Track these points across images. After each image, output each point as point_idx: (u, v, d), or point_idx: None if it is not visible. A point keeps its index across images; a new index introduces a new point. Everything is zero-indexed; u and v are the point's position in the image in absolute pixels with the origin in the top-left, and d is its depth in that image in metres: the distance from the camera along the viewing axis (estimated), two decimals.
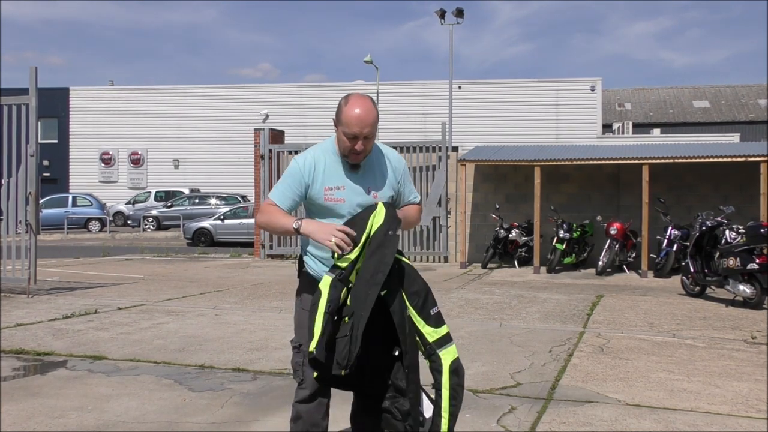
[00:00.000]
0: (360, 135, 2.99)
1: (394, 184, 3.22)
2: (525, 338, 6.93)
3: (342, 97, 3.11)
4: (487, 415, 4.48)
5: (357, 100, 3.03)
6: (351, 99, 3.05)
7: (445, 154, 15.10)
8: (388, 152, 3.26)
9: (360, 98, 3.04)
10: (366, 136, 3.00)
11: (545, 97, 35.60)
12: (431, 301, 3.11)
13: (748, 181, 13.19)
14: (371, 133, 3.02)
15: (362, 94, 3.10)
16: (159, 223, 29.35)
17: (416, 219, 3.43)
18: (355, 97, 3.05)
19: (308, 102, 37.84)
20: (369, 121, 2.99)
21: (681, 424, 4.33)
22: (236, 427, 4.29)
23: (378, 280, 2.90)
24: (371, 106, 3.03)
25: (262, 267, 14.32)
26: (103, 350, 6.30)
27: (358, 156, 3.06)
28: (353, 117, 2.98)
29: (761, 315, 8.43)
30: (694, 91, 51.12)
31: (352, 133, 2.98)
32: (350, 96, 3.07)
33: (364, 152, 3.06)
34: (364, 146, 3.03)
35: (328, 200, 3.09)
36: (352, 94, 3.09)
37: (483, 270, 13.73)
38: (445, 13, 28.97)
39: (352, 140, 3.01)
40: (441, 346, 3.05)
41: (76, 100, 40.11)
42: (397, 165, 3.25)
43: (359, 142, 3.01)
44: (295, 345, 3.15)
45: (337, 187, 3.09)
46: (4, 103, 10.43)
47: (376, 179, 3.16)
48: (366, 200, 3.11)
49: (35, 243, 10.07)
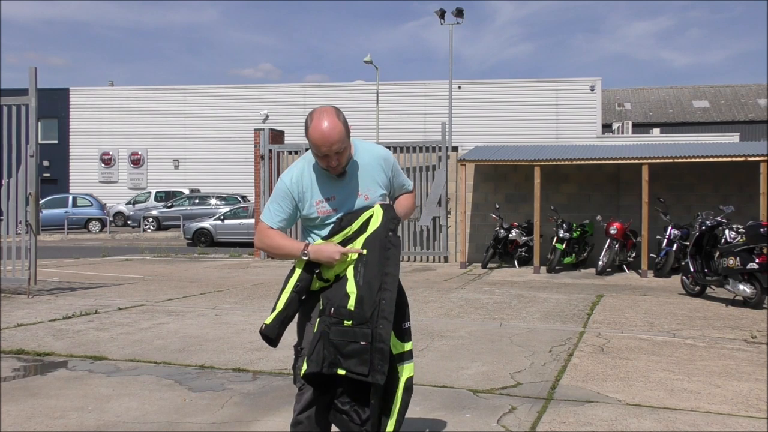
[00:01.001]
0: (330, 152, 2.94)
1: (384, 180, 3.19)
2: (525, 338, 6.93)
3: (308, 114, 3.00)
4: (488, 415, 4.48)
5: (319, 119, 2.93)
6: (314, 117, 2.95)
7: (445, 154, 15.10)
8: (373, 150, 3.20)
9: (323, 115, 2.94)
10: (336, 151, 2.95)
11: (545, 97, 35.61)
12: (407, 316, 3.14)
13: (748, 181, 13.20)
14: (341, 148, 2.95)
15: (326, 108, 2.98)
16: (159, 223, 29.35)
17: (411, 207, 3.42)
18: (318, 114, 2.95)
19: (309, 102, 37.83)
20: (334, 138, 2.91)
21: (681, 423, 4.32)
22: (236, 427, 4.29)
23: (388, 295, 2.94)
24: (335, 122, 2.93)
25: (262, 267, 14.32)
26: (104, 350, 6.30)
27: (337, 169, 3.02)
28: (318, 138, 2.91)
29: (761, 314, 8.43)
30: (694, 91, 51.11)
31: (322, 152, 2.94)
32: (314, 113, 2.97)
33: (342, 165, 3.02)
34: (339, 160, 2.99)
35: (321, 213, 3.08)
36: (316, 110, 2.99)
37: (483, 270, 13.73)
38: (445, 13, 29.00)
39: (323, 159, 2.97)
40: (402, 361, 3.05)
41: (76, 101, 40.10)
42: (385, 161, 3.20)
43: (332, 158, 2.97)
44: (298, 349, 3.16)
45: (327, 198, 3.08)
46: (3, 104, 10.43)
47: (364, 181, 3.12)
48: (358, 203, 3.10)
49: (35, 243, 10.08)
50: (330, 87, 38.66)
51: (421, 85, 37.39)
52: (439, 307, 8.94)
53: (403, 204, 3.34)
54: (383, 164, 3.20)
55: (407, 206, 3.36)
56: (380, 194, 3.16)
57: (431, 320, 7.95)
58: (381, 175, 3.18)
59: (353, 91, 38.10)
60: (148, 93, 39.74)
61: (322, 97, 37.70)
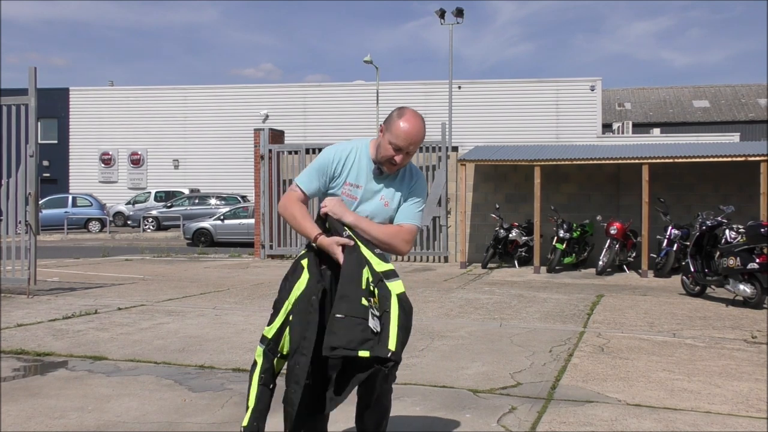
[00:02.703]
0: (404, 149, 3.07)
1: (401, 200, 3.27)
2: (525, 338, 6.93)
3: (396, 108, 3.16)
4: (488, 415, 4.48)
5: (411, 117, 3.08)
6: (406, 113, 3.10)
7: (445, 154, 15.10)
8: (416, 171, 3.31)
9: (414, 116, 3.10)
10: (408, 152, 3.08)
11: (545, 97, 35.62)
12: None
13: (748, 181, 13.20)
14: (413, 151, 3.11)
15: (416, 112, 3.14)
16: (159, 223, 29.35)
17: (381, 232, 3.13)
18: (410, 112, 3.10)
19: (308, 102, 37.87)
20: (417, 138, 3.06)
21: (681, 423, 4.32)
22: (236, 427, 4.28)
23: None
24: (422, 126, 3.10)
25: (262, 267, 14.32)
26: (104, 350, 6.30)
27: (393, 167, 3.13)
28: (404, 131, 3.05)
29: (761, 314, 8.43)
30: (694, 90, 51.11)
31: (398, 145, 3.06)
32: (405, 110, 3.12)
33: (400, 166, 3.13)
34: (403, 160, 3.11)
35: (345, 195, 3.18)
36: (408, 108, 3.14)
37: (483, 270, 13.73)
38: (445, 13, 29.02)
39: (396, 151, 3.07)
40: (389, 278, 3.02)
41: (76, 101, 40.11)
42: (416, 184, 3.26)
43: (401, 155, 3.08)
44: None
45: (356, 185, 3.18)
46: (3, 104, 10.42)
47: (393, 190, 3.22)
48: (377, 206, 3.19)
49: (35, 243, 10.07)
50: (330, 87, 38.67)
51: (421, 85, 37.39)
52: (439, 307, 8.94)
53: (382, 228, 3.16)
54: (413, 186, 3.25)
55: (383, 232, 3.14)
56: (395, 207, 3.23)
57: (431, 320, 7.95)
58: (406, 193, 3.24)
59: (353, 91, 38.11)
60: (148, 93, 39.74)
61: (321, 97, 37.73)
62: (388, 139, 3.07)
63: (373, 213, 3.18)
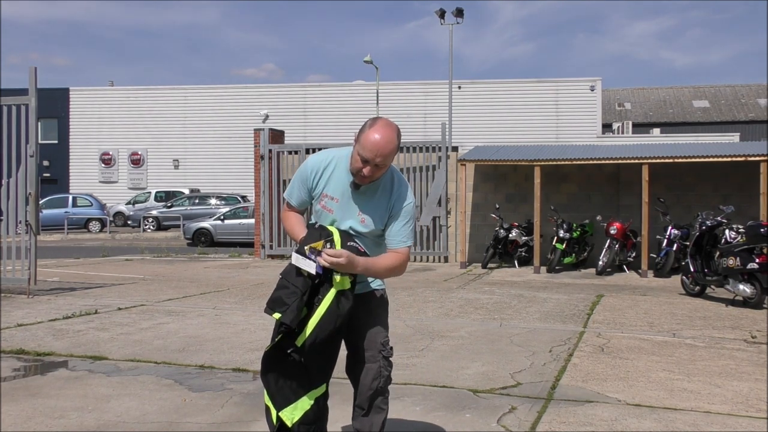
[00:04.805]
0: (371, 161, 2.96)
1: (386, 216, 3.14)
2: (525, 338, 6.93)
3: (369, 118, 3.08)
4: (488, 415, 4.48)
5: (381, 128, 2.98)
6: (377, 124, 3.00)
7: (445, 154, 15.09)
8: (400, 186, 3.17)
9: (385, 126, 2.99)
10: (377, 164, 2.97)
11: (545, 97, 35.62)
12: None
13: (748, 181, 13.19)
14: (383, 163, 2.99)
15: (390, 122, 3.03)
16: (159, 223, 29.35)
17: (386, 268, 3.10)
18: (381, 123, 3.00)
19: (308, 102, 37.87)
20: (385, 151, 2.95)
21: (681, 423, 4.32)
22: (236, 427, 4.29)
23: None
24: (392, 137, 2.97)
25: (262, 267, 14.32)
26: (104, 350, 6.30)
27: (363, 179, 3.03)
28: (370, 142, 2.95)
29: (761, 314, 8.43)
30: (694, 90, 51.10)
31: (365, 156, 2.96)
32: (377, 120, 3.02)
33: (370, 178, 3.03)
34: (372, 173, 3.00)
35: (321, 206, 3.15)
36: (380, 119, 3.04)
37: (483, 270, 13.73)
38: (445, 13, 29.03)
39: (363, 163, 2.98)
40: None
41: (76, 101, 40.10)
42: (397, 200, 3.13)
43: (368, 167, 2.98)
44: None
45: (332, 197, 3.12)
46: (3, 104, 10.42)
47: (371, 205, 3.12)
48: (352, 220, 3.11)
49: (35, 243, 10.07)
50: (330, 87, 38.66)
51: (421, 85, 37.39)
52: (439, 307, 8.94)
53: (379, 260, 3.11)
54: (396, 202, 3.13)
55: (380, 264, 3.10)
56: (377, 227, 3.13)
57: (431, 320, 7.95)
58: (386, 210, 3.13)
59: (353, 91, 38.11)
60: (148, 93, 39.73)
61: (322, 97, 37.73)
62: (357, 150, 2.98)
63: (353, 228, 3.12)
